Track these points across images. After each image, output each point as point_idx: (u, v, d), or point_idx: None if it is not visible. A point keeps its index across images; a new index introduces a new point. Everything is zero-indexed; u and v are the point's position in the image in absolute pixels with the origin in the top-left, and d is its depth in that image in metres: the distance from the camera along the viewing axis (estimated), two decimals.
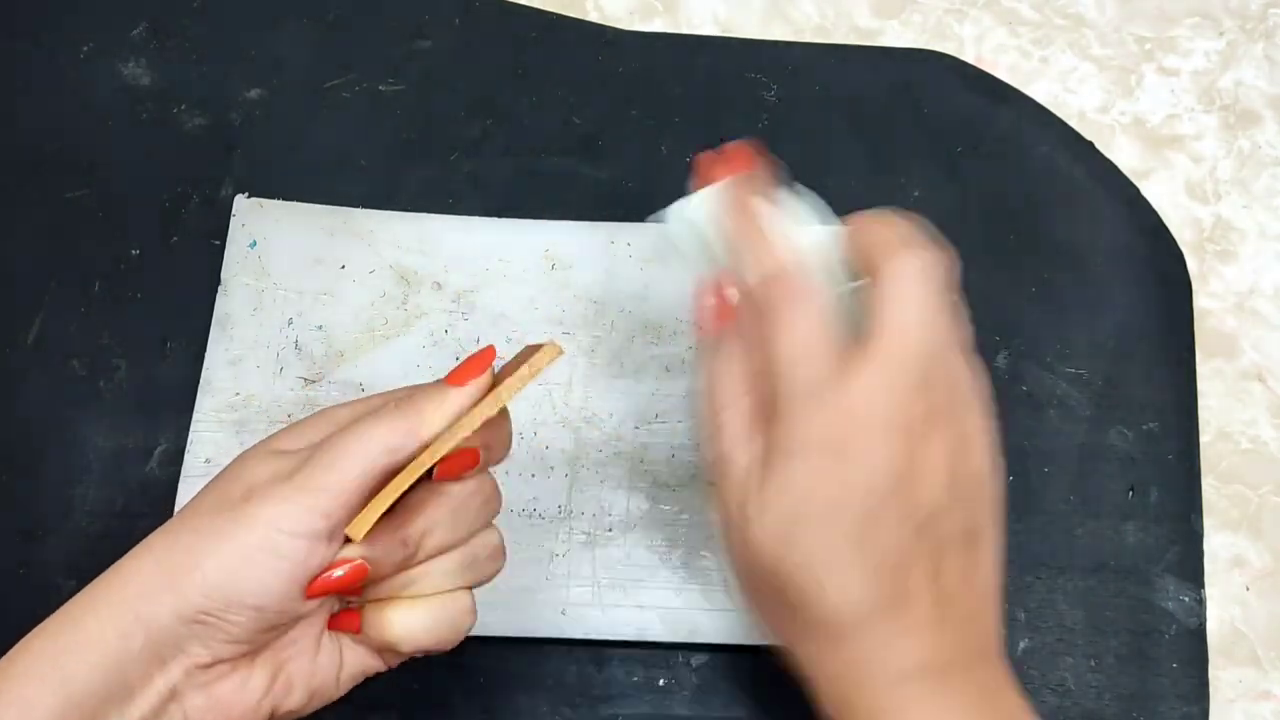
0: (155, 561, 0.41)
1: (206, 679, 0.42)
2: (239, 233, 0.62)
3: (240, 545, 0.41)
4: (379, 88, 0.66)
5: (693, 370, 0.59)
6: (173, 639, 0.41)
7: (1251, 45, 0.67)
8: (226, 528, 0.41)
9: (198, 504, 0.43)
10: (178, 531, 0.42)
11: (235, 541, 0.41)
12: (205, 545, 0.41)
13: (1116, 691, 0.54)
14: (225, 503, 0.42)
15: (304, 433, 0.44)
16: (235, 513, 0.41)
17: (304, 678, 0.44)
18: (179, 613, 0.40)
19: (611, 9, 0.68)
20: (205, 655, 0.41)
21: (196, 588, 0.40)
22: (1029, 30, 0.67)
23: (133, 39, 0.67)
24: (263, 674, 0.43)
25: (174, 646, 0.41)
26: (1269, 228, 0.63)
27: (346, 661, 0.45)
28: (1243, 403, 0.60)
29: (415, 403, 0.43)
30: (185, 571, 0.41)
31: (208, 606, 0.40)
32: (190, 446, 0.58)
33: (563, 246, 0.61)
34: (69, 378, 0.60)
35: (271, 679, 0.43)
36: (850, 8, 0.68)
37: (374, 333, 0.60)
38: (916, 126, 0.64)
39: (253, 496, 0.42)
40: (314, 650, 0.44)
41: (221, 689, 0.42)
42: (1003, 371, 0.59)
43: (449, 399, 0.43)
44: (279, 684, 0.43)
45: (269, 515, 0.41)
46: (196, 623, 0.41)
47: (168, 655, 0.41)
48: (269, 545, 0.41)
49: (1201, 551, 0.57)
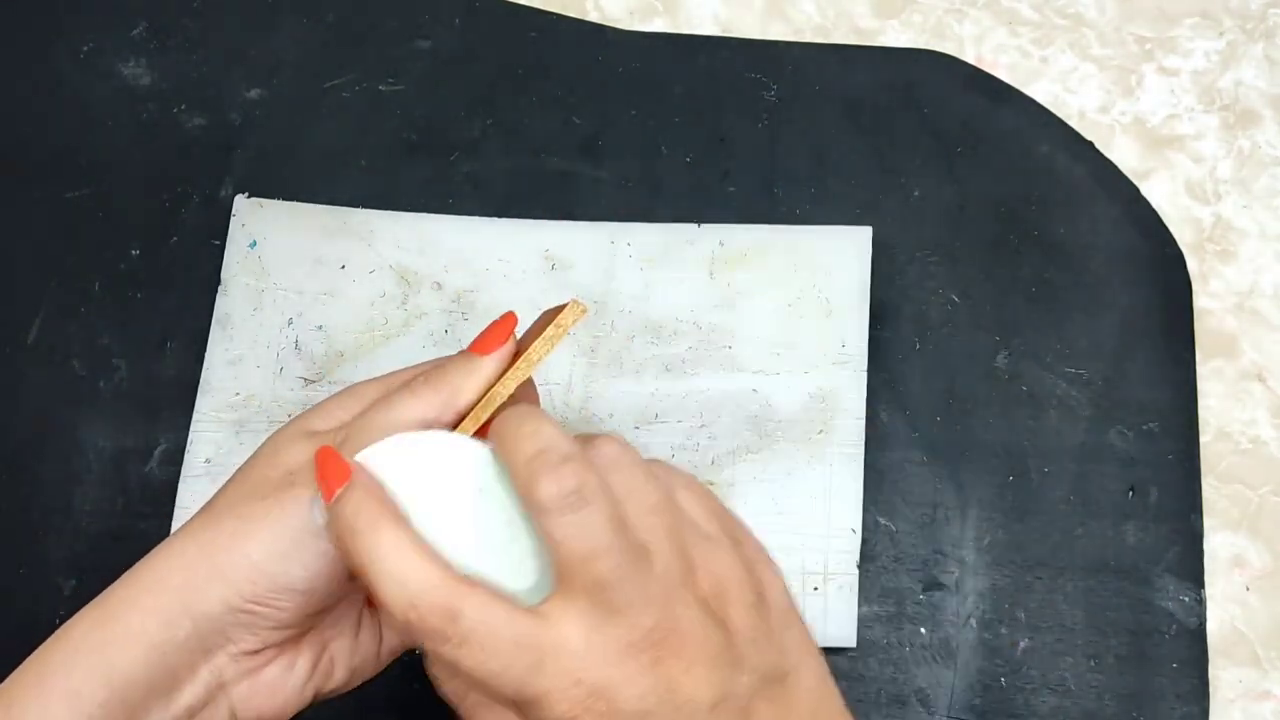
0: (199, 550, 0.41)
1: (253, 665, 0.41)
2: (239, 233, 0.62)
3: (287, 529, 0.40)
4: (379, 88, 0.66)
5: (692, 371, 0.59)
6: (220, 628, 0.40)
7: (1251, 45, 0.67)
8: (272, 512, 0.40)
9: (235, 490, 0.42)
10: (219, 517, 0.41)
11: (282, 526, 0.40)
12: (250, 531, 0.40)
13: (1116, 691, 0.54)
14: (266, 485, 0.41)
15: (334, 412, 0.44)
16: (279, 496, 0.41)
17: (346, 656, 0.44)
18: (228, 602, 0.40)
19: (611, 9, 0.68)
20: (253, 642, 0.41)
21: (245, 576, 0.40)
22: (1029, 30, 0.67)
23: (133, 39, 0.67)
24: (308, 656, 0.43)
25: (221, 635, 0.40)
26: (1269, 228, 0.63)
27: (387, 636, 0.45)
28: (1243, 403, 0.60)
29: (446, 375, 0.42)
30: (231, 560, 0.40)
31: (256, 594, 0.40)
32: (190, 446, 0.58)
33: (563, 246, 0.61)
34: (69, 378, 0.60)
35: (315, 661, 0.43)
36: (850, 8, 0.68)
37: (374, 333, 0.60)
38: (916, 126, 0.64)
39: (295, 478, 0.41)
40: (355, 629, 0.44)
41: (268, 674, 0.42)
42: (1003, 371, 0.59)
43: (480, 368, 0.42)
44: (322, 665, 0.43)
45: (313, 497, 0.40)
46: (245, 611, 0.40)
47: (213, 645, 0.41)
48: (314, 528, 0.40)
49: (1201, 551, 0.56)
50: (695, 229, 0.62)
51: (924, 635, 0.55)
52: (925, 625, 0.55)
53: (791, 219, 0.62)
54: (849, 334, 0.59)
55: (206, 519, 0.42)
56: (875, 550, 0.56)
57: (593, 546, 0.36)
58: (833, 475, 0.57)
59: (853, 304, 0.60)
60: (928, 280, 0.61)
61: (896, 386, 0.59)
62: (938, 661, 0.55)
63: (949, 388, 0.59)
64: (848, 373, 0.58)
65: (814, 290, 0.60)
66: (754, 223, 0.62)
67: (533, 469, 0.37)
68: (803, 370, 0.58)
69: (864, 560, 0.56)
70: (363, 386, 0.44)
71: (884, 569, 0.56)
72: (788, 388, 0.58)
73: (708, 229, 0.62)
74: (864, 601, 0.55)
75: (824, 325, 0.59)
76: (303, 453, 0.42)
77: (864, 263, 0.60)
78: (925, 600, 0.56)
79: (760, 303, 0.60)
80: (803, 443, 0.57)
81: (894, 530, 0.57)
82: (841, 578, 0.55)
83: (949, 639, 0.55)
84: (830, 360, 0.58)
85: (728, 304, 0.60)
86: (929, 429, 0.58)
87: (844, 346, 0.59)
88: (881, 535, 0.57)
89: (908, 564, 0.56)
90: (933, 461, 0.58)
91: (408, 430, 0.41)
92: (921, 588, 0.56)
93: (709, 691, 0.37)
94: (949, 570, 0.56)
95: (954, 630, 0.55)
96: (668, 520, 0.38)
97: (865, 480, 0.57)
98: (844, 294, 0.60)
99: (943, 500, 0.57)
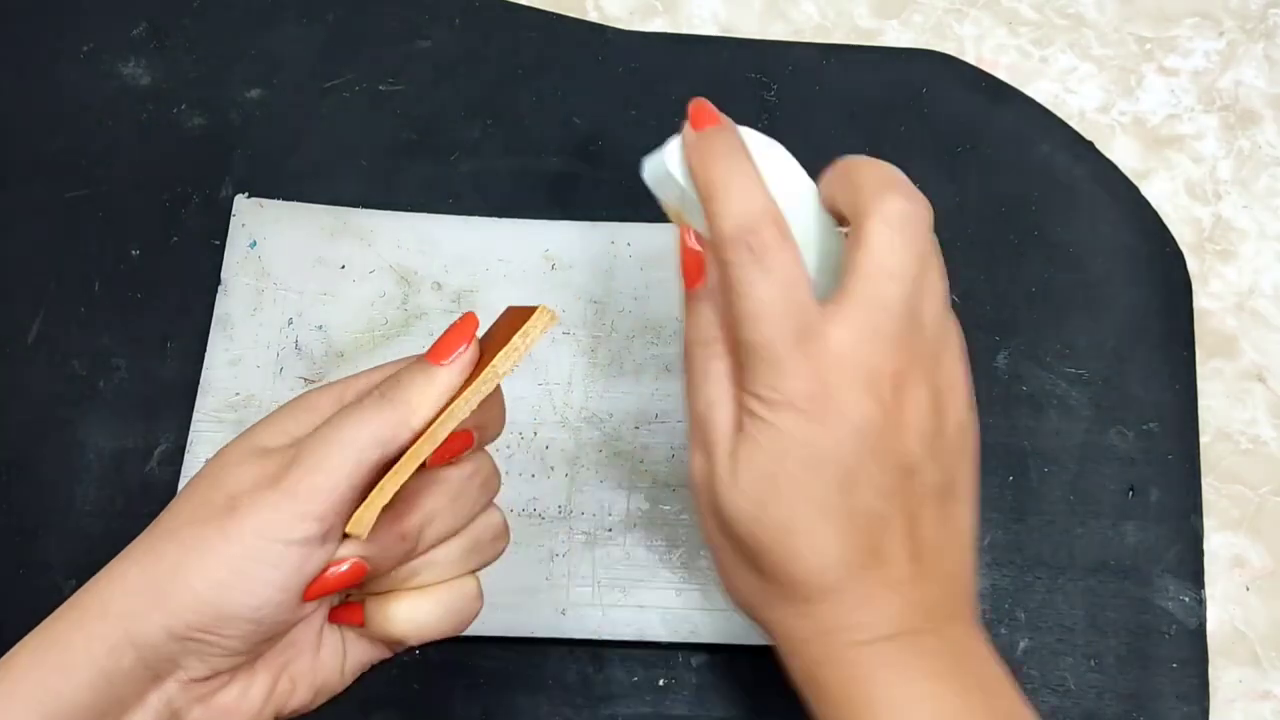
0: (141, 575, 0.39)
1: (205, 691, 0.40)
2: (239, 233, 0.62)
3: (229, 558, 0.38)
4: (379, 88, 0.66)
5: None
6: (166, 655, 0.39)
7: (1251, 45, 0.67)
8: (212, 540, 0.39)
9: (177, 511, 0.40)
10: (161, 544, 0.40)
11: (223, 555, 0.38)
12: (191, 560, 0.39)
13: (1116, 691, 0.54)
14: (208, 511, 0.39)
15: (284, 425, 0.42)
16: (221, 523, 0.39)
17: (307, 675, 0.42)
18: (170, 631, 0.38)
19: (611, 9, 0.68)
20: (203, 669, 0.40)
21: (187, 606, 0.38)
22: (1029, 30, 0.67)
23: (133, 39, 0.67)
24: (264, 679, 0.41)
25: (168, 662, 0.39)
26: (1269, 228, 0.63)
27: (350, 653, 0.43)
28: (1243, 403, 0.60)
29: (401, 389, 0.40)
30: (173, 588, 0.38)
31: (200, 623, 0.38)
32: (190, 446, 0.58)
33: (563, 246, 0.61)
34: (69, 378, 0.60)
35: (274, 682, 0.41)
36: (850, 8, 0.68)
37: (374, 333, 0.60)
38: (916, 126, 0.64)
39: (238, 506, 0.39)
40: (315, 647, 0.42)
41: (222, 699, 0.41)
42: (1003, 371, 0.59)
43: (436, 380, 0.40)
44: (281, 686, 0.42)
45: (257, 525, 0.39)
46: (190, 639, 0.39)
47: (162, 671, 0.39)
48: (260, 556, 0.38)
49: (1201, 551, 0.57)
50: None
51: None
52: None
53: None
54: None
55: (150, 542, 0.40)
56: None
57: (899, 267, 0.40)
58: None
59: None
60: None
61: None
62: None
63: None
64: None
65: None
66: None
67: (889, 185, 0.42)
68: None
69: None
70: (314, 396, 0.43)
71: None
72: None
73: None
74: None
75: None
76: (248, 475, 0.40)
77: None
78: None
79: None
80: None
81: None
82: None
83: None
84: None
85: None
86: None
87: None
88: None
89: None
90: None
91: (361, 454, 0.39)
92: None
93: (910, 459, 0.41)
94: None
95: None
96: (940, 307, 0.42)
97: None
98: None
99: None
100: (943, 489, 0.42)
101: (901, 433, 0.40)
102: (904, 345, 0.40)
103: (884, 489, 0.40)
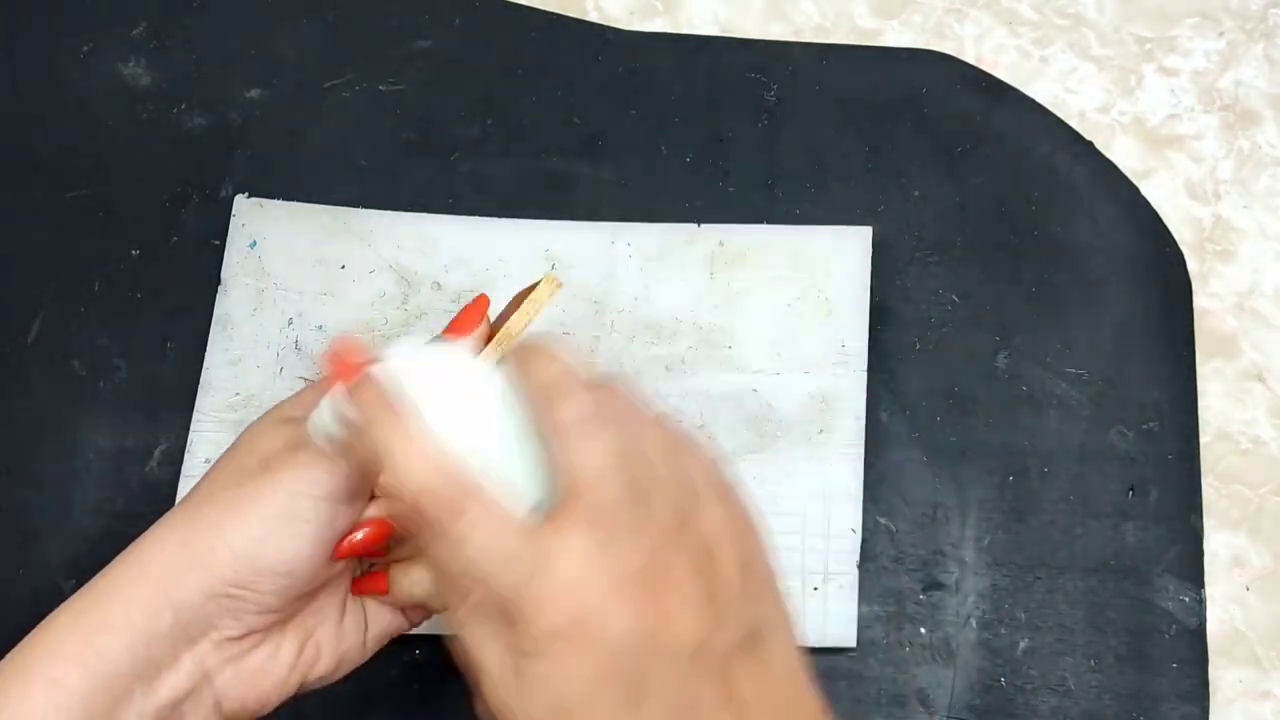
0: (179, 540, 0.41)
1: (236, 651, 0.42)
2: (239, 233, 0.62)
3: (264, 514, 0.41)
4: (379, 88, 0.66)
5: (691, 371, 0.59)
6: (202, 616, 0.41)
7: (1251, 45, 0.67)
8: (248, 498, 0.41)
9: (213, 478, 0.43)
10: (198, 506, 0.42)
11: (258, 511, 0.41)
12: (228, 518, 0.41)
13: (1116, 691, 0.54)
14: (243, 474, 0.42)
15: (311, 397, 0.44)
16: (256, 482, 0.41)
17: (331, 643, 0.44)
18: (208, 590, 0.41)
19: (611, 9, 0.68)
20: (237, 628, 0.41)
21: (224, 562, 0.41)
22: (1029, 30, 0.67)
23: (133, 39, 0.67)
24: (292, 642, 0.43)
25: (204, 623, 0.41)
26: (1269, 228, 0.63)
27: (372, 623, 0.45)
28: (1243, 403, 0.60)
29: None
30: (210, 547, 0.41)
31: (237, 580, 0.41)
32: (190, 446, 0.58)
33: (563, 246, 0.61)
34: (69, 378, 0.60)
35: (300, 648, 0.43)
36: (850, 8, 0.68)
37: (374, 333, 0.60)
38: (916, 126, 0.64)
39: (271, 465, 0.42)
40: (339, 615, 0.44)
41: (252, 661, 0.42)
42: (1003, 371, 0.59)
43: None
44: (307, 652, 0.43)
45: (289, 481, 0.41)
46: (226, 597, 0.41)
47: (197, 633, 0.41)
48: (293, 511, 0.41)
49: (1201, 551, 0.56)
50: (695, 229, 0.62)
51: (924, 635, 0.55)
52: (925, 625, 0.55)
53: (791, 219, 0.62)
54: (849, 334, 0.59)
55: (187, 508, 0.43)
56: (875, 550, 0.56)
57: (602, 472, 0.37)
58: (833, 475, 0.56)
59: (853, 304, 0.60)
60: (928, 280, 0.61)
61: (896, 386, 0.59)
62: (938, 661, 0.55)
63: (949, 388, 0.59)
64: (848, 373, 0.58)
65: (814, 290, 0.60)
66: (754, 223, 0.62)
67: (557, 389, 0.39)
68: (803, 370, 0.58)
69: (864, 560, 0.56)
70: None
71: (884, 569, 0.56)
72: (788, 388, 0.58)
73: (708, 229, 0.62)
74: (864, 601, 0.55)
75: (824, 325, 0.59)
76: (279, 439, 0.43)
77: (864, 263, 0.60)
78: (925, 600, 0.56)
79: (760, 303, 0.60)
80: (803, 443, 0.57)
81: (894, 530, 0.57)
82: (841, 578, 0.55)
83: (949, 639, 0.55)
84: (830, 360, 0.58)
85: (728, 304, 0.60)
86: (929, 429, 0.58)
87: (844, 347, 0.59)
88: (881, 535, 0.56)
89: (908, 564, 0.56)
90: (933, 461, 0.58)
91: None
92: (921, 588, 0.56)
93: (692, 638, 0.37)
94: (949, 570, 0.56)
95: (954, 630, 0.55)
96: (671, 469, 0.39)
97: (865, 480, 0.57)
98: (844, 294, 0.60)
99: (943, 500, 0.57)
100: (745, 639, 0.39)
101: (671, 620, 0.37)
102: (639, 533, 0.37)
103: (676, 682, 0.37)
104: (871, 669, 0.54)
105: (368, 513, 0.43)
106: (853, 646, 0.54)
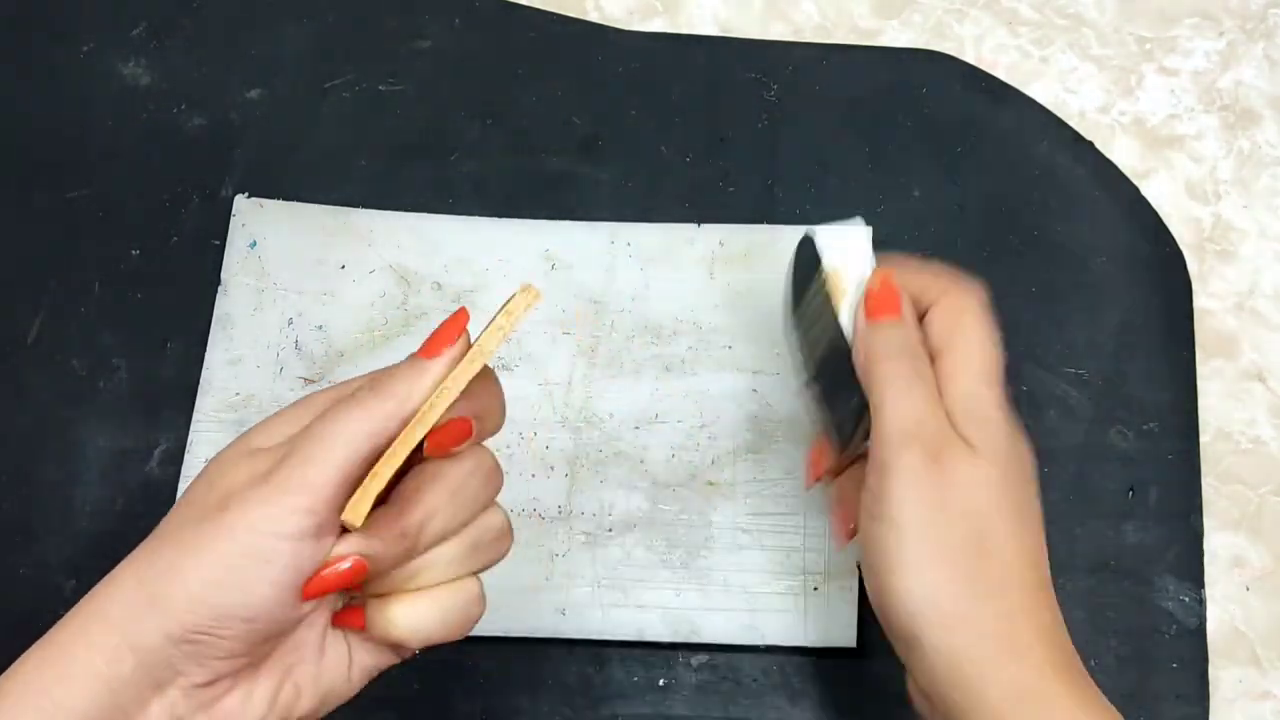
0: (137, 581, 0.39)
1: (207, 697, 0.40)
2: (239, 233, 0.62)
3: (223, 556, 0.38)
4: (379, 88, 0.66)
5: (691, 371, 0.59)
6: (164, 660, 0.39)
7: (1251, 45, 0.67)
8: (206, 538, 0.39)
9: (175, 515, 0.41)
10: (157, 547, 0.40)
11: (217, 553, 0.38)
12: (185, 560, 0.39)
13: (1116, 691, 0.54)
14: (202, 511, 0.39)
15: (280, 426, 0.42)
16: (214, 521, 0.39)
17: (312, 682, 0.42)
18: (167, 633, 0.38)
19: (611, 9, 0.68)
20: (203, 674, 0.39)
21: (182, 605, 0.38)
22: (1029, 30, 0.67)
23: (133, 39, 0.67)
24: (267, 685, 0.41)
25: (168, 668, 0.39)
26: (1269, 228, 0.63)
27: (356, 659, 0.43)
28: (1243, 403, 0.60)
29: (392, 381, 0.40)
30: (168, 589, 0.38)
31: (196, 624, 0.38)
32: (190, 446, 0.58)
33: (563, 246, 0.61)
34: (69, 378, 0.60)
35: (277, 689, 0.41)
36: (850, 8, 0.68)
37: (374, 333, 0.60)
38: (916, 126, 0.64)
39: (230, 502, 0.39)
40: (319, 651, 0.42)
41: (224, 706, 0.40)
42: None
43: (426, 372, 0.40)
44: (285, 692, 0.41)
45: (249, 520, 0.38)
46: (187, 642, 0.38)
47: (163, 678, 0.39)
48: (254, 552, 0.38)
49: (1201, 551, 0.57)
50: (695, 229, 0.62)
51: None
52: None
53: (791, 219, 0.62)
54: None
55: (148, 547, 0.40)
56: None
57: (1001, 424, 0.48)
58: None
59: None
60: None
61: None
62: None
63: None
64: None
65: None
66: (754, 223, 0.62)
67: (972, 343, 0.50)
68: None
69: None
70: (314, 398, 0.42)
71: None
72: (788, 388, 0.58)
73: (708, 229, 0.62)
74: (865, 602, 0.55)
75: None
76: (241, 473, 0.40)
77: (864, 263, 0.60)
78: None
79: (760, 303, 0.60)
80: (803, 443, 0.57)
81: None
82: (842, 578, 0.55)
83: None
84: None
85: (728, 304, 0.60)
86: None
87: None
88: None
89: None
90: None
91: (353, 447, 0.39)
92: None
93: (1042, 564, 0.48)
94: None
95: None
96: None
97: None
98: None
99: None
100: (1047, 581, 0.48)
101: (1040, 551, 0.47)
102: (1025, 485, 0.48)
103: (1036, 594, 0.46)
104: (871, 669, 0.54)
105: (337, 549, 0.40)
106: (853, 646, 0.54)
